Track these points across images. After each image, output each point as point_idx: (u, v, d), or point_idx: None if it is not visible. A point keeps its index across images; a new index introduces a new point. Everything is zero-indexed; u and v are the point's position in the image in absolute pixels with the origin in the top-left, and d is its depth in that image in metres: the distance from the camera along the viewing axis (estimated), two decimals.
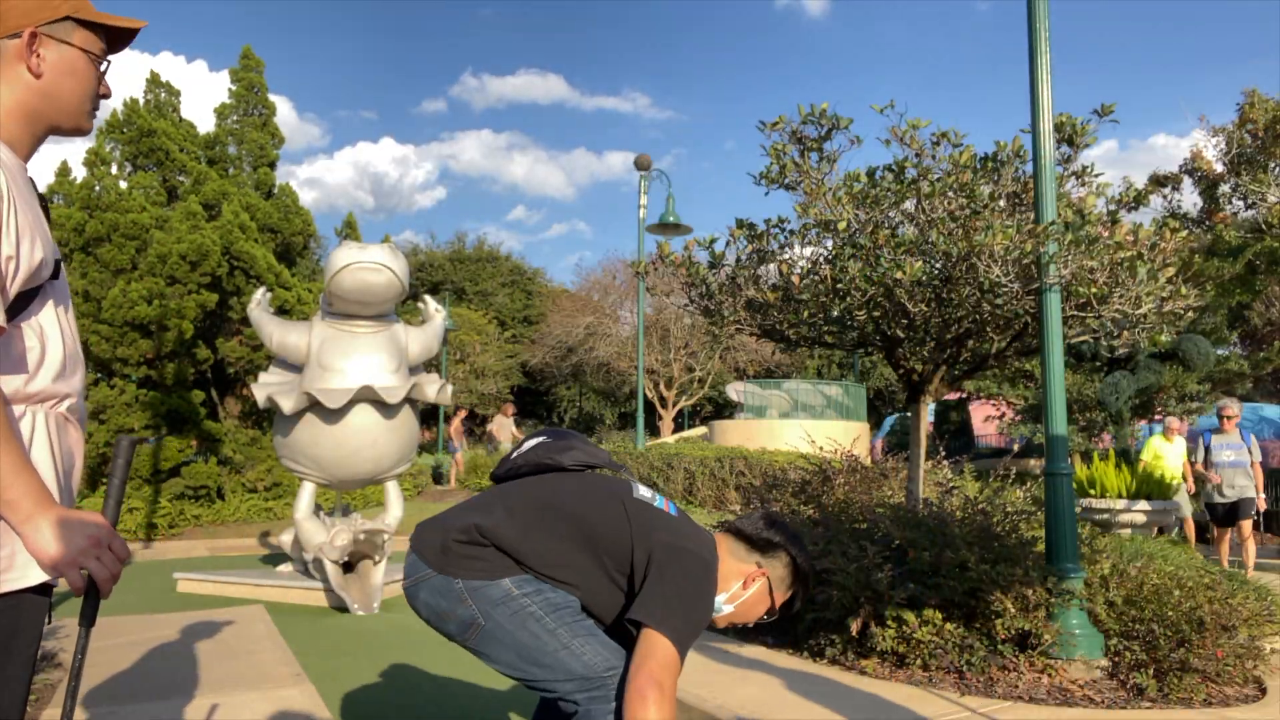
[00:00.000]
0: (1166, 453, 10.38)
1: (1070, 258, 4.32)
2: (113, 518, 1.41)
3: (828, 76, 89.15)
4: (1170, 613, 4.01)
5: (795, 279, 4.90)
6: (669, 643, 1.80)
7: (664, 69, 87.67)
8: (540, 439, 2.20)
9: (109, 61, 1.51)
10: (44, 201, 1.47)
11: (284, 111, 65.78)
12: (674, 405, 31.51)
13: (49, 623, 1.44)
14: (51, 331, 1.42)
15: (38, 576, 1.34)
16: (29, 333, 1.38)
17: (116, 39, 1.54)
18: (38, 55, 1.39)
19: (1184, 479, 9.97)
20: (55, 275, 1.44)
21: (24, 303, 1.36)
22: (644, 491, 2.11)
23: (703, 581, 1.96)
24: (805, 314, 4.84)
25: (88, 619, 1.39)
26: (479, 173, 79.03)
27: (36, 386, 1.39)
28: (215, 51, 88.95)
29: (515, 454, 2.19)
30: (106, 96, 1.51)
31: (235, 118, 12.67)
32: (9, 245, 1.30)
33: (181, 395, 10.77)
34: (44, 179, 11.89)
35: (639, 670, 1.76)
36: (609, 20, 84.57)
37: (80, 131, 1.48)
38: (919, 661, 4.03)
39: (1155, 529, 9.14)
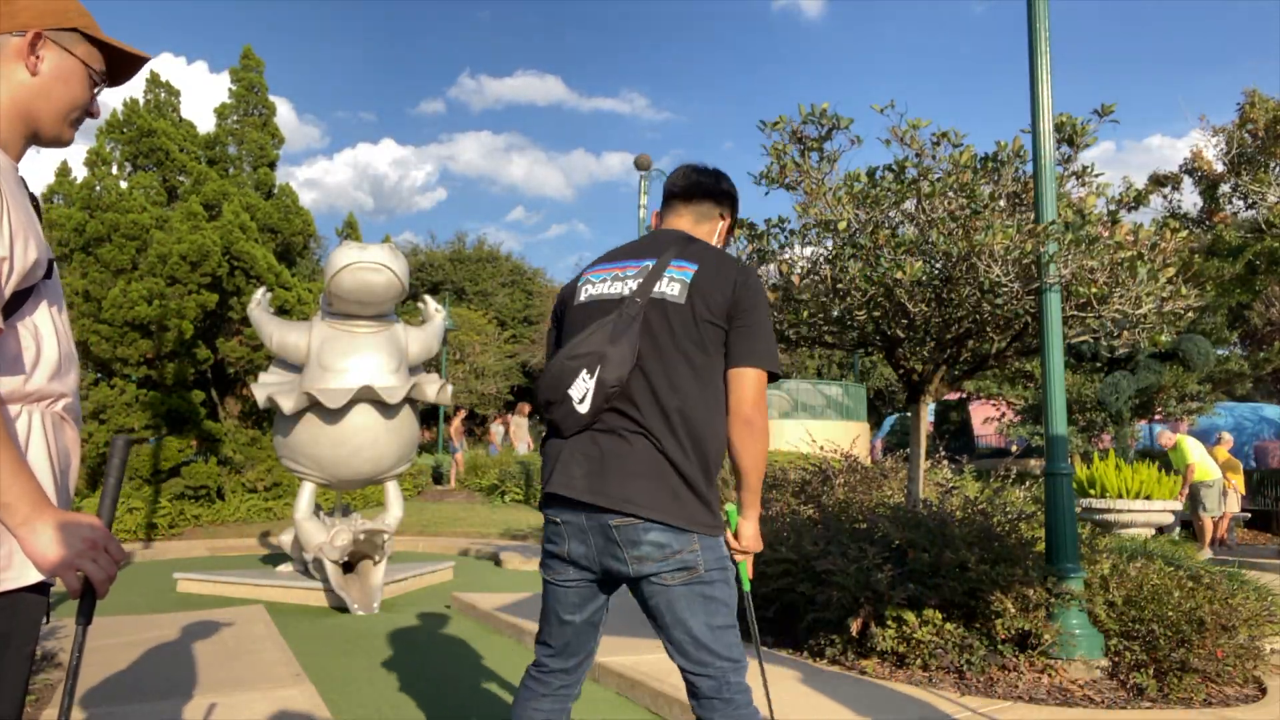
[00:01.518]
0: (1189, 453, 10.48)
1: (1070, 258, 4.32)
2: (108, 518, 1.42)
3: (825, 78, 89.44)
4: (1170, 613, 4.01)
5: (795, 279, 4.90)
6: (760, 370, 2.05)
7: (661, 71, 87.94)
8: (584, 378, 2.05)
9: (103, 82, 1.53)
10: (35, 201, 1.48)
11: (283, 113, 65.81)
12: None
13: (47, 622, 1.44)
14: (46, 331, 1.42)
15: (35, 575, 1.34)
16: (24, 333, 1.39)
17: (122, 69, 1.57)
18: (37, 56, 1.41)
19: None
20: (48, 275, 1.45)
21: (18, 302, 1.37)
22: (664, 287, 2.07)
23: (765, 294, 2.11)
24: (805, 314, 4.84)
25: (84, 617, 1.40)
26: (477, 174, 79.15)
27: (32, 386, 1.39)
28: (216, 53, 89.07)
29: (583, 405, 2.05)
30: (94, 116, 1.54)
31: (235, 118, 12.66)
32: (3, 246, 1.31)
33: (181, 395, 10.77)
34: (44, 179, 11.89)
35: (740, 403, 2.04)
36: (606, 23, 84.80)
37: (59, 142, 1.50)
38: (919, 661, 4.03)
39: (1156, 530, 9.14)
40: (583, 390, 2.02)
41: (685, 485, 1.99)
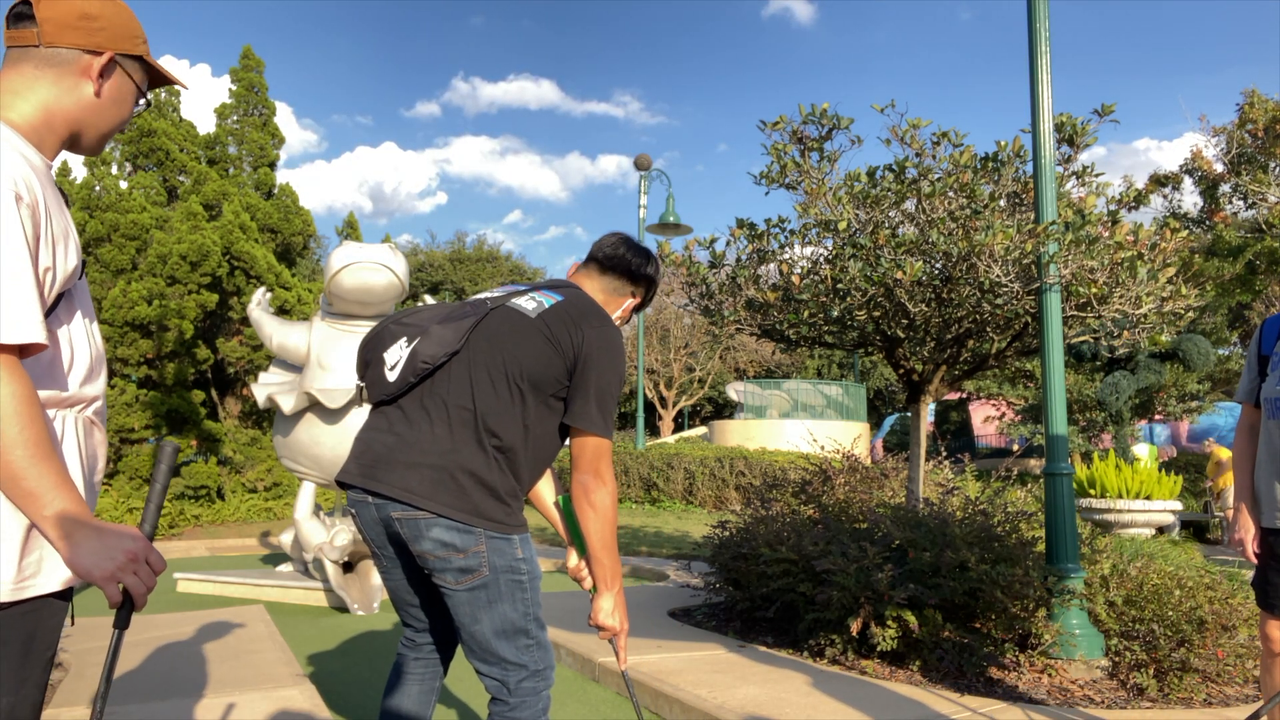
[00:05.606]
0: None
1: (1070, 258, 4.32)
2: (151, 527, 1.41)
3: (817, 81, 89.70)
4: (1170, 613, 4.01)
5: (795, 279, 4.90)
6: (599, 438, 1.96)
7: (655, 74, 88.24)
8: (402, 345, 1.99)
9: (148, 102, 1.56)
10: (65, 198, 1.48)
11: (283, 116, 65.89)
12: (674, 405, 31.51)
13: (72, 624, 1.46)
14: (78, 336, 1.42)
15: (62, 582, 1.35)
16: (59, 338, 1.39)
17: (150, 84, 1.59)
18: (104, 78, 1.43)
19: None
20: (79, 277, 1.45)
21: (53, 307, 1.37)
22: (521, 301, 2.06)
23: (620, 356, 2.02)
24: (805, 314, 4.85)
25: (122, 623, 1.40)
26: (474, 176, 79.38)
27: (66, 392, 1.40)
28: (218, 56, 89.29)
29: (391, 373, 1.97)
30: (123, 130, 1.57)
31: (235, 118, 12.66)
32: (46, 256, 1.31)
33: (181, 395, 10.77)
34: None
35: (576, 468, 1.97)
36: (599, 27, 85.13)
37: (93, 153, 1.52)
38: (919, 661, 4.03)
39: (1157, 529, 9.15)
40: (396, 357, 1.96)
41: (474, 479, 1.87)
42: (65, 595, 1.39)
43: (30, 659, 1.34)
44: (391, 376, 1.96)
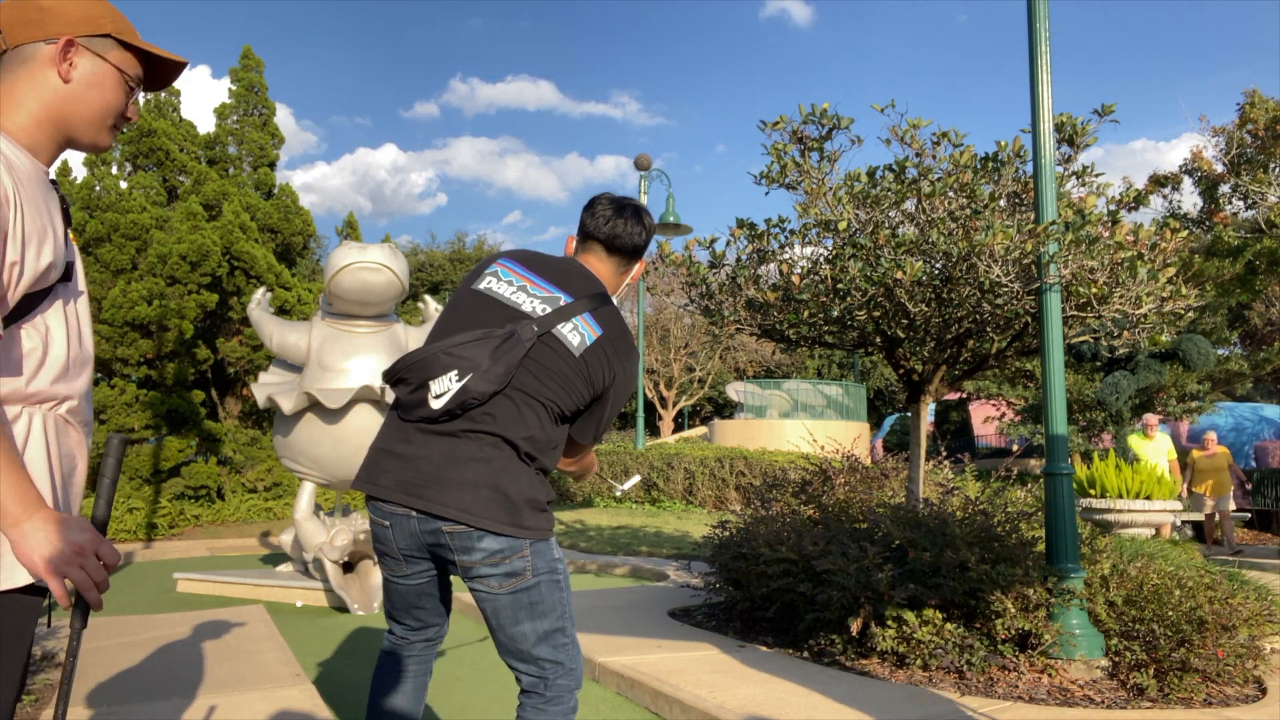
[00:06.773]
0: (1147, 451, 10.44)
1: (1070, 258, 4.32)
2: (103, 518, 1.39)
3: (815, 82, 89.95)
4: (1170, 613, 4.01)
5: (795, 279, 4.90)
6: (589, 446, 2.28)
7: (653, 76, 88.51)
8: (452, 378, 1.96)
9: (139, 86, 1.53)
10: (65, 204, 1.48)
11: (283, 117, 65.91)
12: (674, 405, 31.52)
13: (49, 624, 1.43)
14: (56, 333, 1.42)
15: (25, 577, 1.33)
16: (32, 334, 1.38)
17: (160, 74, 1.58)
18: (70, 62, 1.43)
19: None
20: (67, 278, 1.45)
21: (32, 304, 1.37)
22: (565, 331, 2.06)
23: (634, 384, 2.24)
24: (805, 314, 4.84)
25: (80, 621, 1.37)
26: (473, 177, 79.49)
27: (35, 387, 1.38)
28: (218, 57, 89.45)
29: (437, 401, 1.96)
30: (131, 120, 1.54)
31: (235, 118, 12.66)
32: (14, 251, 1.31)
33: (181, 395, 10.77)
34: None
35: (588, 457, 2.34)
36: (597, 28, 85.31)
37: (97, 147, 1.50)
38: (919, 661, 4.03)
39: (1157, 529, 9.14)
40: (444, 388, 1.98)
41: (524, 497, 1.98)
42: (39, 591, 1.36)
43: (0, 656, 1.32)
44: (436, 405, 1.98)
